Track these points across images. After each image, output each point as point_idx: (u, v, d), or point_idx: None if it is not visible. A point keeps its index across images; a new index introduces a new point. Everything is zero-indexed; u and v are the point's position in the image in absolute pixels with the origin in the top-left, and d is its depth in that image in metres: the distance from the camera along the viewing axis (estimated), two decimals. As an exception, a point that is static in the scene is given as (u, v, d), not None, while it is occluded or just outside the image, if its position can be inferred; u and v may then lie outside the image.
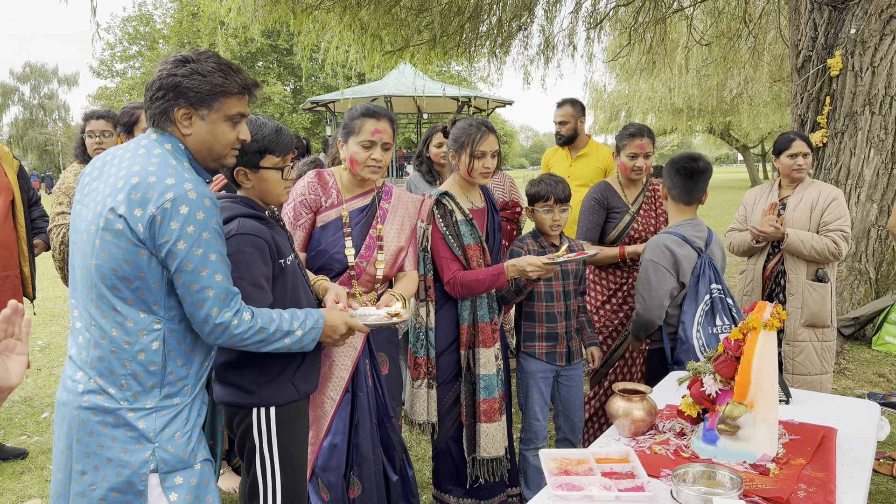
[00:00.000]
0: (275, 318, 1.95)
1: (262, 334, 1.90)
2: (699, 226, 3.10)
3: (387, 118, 2.67)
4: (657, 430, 2.31)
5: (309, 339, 2.04)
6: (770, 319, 2.09)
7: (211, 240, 1.75)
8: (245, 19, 7.56)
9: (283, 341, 1.97)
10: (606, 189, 3.69)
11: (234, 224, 2.10)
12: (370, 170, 2.65)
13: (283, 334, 1.96)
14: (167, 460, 1.77)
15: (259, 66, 32.74)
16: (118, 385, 1.74)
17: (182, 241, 1.70)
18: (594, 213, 3.65)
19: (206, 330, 1.79)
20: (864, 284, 5.95)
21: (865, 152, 5.42)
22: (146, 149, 1.78)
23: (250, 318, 1.87)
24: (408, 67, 15.55)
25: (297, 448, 2.28)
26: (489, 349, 2.96)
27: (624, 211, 3.64)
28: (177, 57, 1.83)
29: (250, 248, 2.08)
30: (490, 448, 2.95)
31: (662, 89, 18.30)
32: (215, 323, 1.78)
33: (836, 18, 5.45)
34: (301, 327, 2.01)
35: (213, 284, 1.76)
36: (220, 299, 1.78)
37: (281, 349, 1.99)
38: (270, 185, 2.22)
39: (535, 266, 2.82)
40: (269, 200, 2.27)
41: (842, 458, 2.11)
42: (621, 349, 3.62)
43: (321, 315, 2.09)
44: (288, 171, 2.23)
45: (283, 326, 1.96)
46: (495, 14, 8.31)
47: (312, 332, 2.04)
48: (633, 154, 3.55)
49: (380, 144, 2.64)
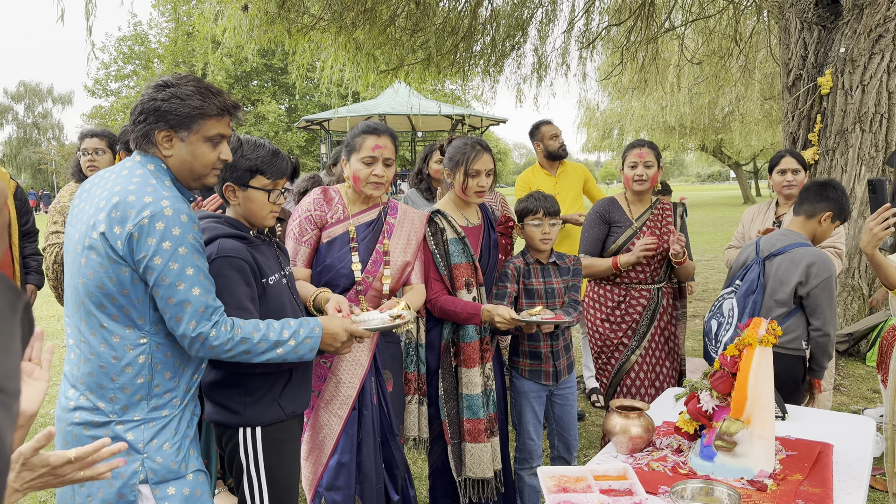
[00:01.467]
0: (261, 328, 1.95)
1: (246, 345, 1.91)
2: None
3: (388, 134, 2.70)
4: (655, 447, 2.31)
5: (306, 349, 2.04)
6: (766, 336, 2.10)
7: (187, 254, 1.79)
8: (240, 39, 7.61)
9: (275, 351, 1.97)
10: (610, 203, 3.67)
11: (214, 246, 2.09)
12: (372, 186, 2.67)
13: (272, 344, 1.96)
14: (157, 470, 1.81)
15: (254, 85, 32.89)
16: (107, 399, 1.79)
17: (158, 257, 1.75)
18: (594, 227, 3.63)
19: (186, 343, 1.83)
20: (858, 301, 5.97)
21: (857, 169, 5.47)
22: (129, 170, 1.85)
23: (229, 328, 1.88)
24: (402, 86, 15.65)
25: (286, 468, 2.26)
26: (472, 369, 2.93)
27: (626, 225, 3.59)
28: (157, 81, 1.89)
29: (231, 270, 2.07)
30: (476, 468, 2.92)
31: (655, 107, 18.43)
32: (192, 336, 1.81)
33: (826, 37, 5.53)
34: (294, 337, 2.01)
35: (191, 298, 1.80)
36: (198, 312, 1.81)
37: (275, 359, 1.98)
38: (256, 205, 2.22)
39: (503, 319, 2.79)
40: (253, 221, 2.25)
41: (839, 473, 2.11)
42: (627, 365, 3.57)
43: (318, 323, 2.09)
44: (276, 195, 2.23)
45: (269, 336, 1.96)
46: (489, 34, 8.39)
47: (308, 342, 2.04)
48: (633, 163, 3.53)
49: (381, 160, 2.66)
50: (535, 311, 2.87)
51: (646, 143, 3.58)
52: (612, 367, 3.62)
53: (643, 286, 3.55)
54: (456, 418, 2.97)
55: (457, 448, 2.98)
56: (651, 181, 3.54)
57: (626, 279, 3.57)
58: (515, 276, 3.13)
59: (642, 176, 3.52)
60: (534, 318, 2.80)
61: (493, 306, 2.86)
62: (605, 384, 3.65)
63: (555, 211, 3.13)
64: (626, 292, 3.58)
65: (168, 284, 1.77)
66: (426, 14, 7.33)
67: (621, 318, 3.59)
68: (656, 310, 3.56)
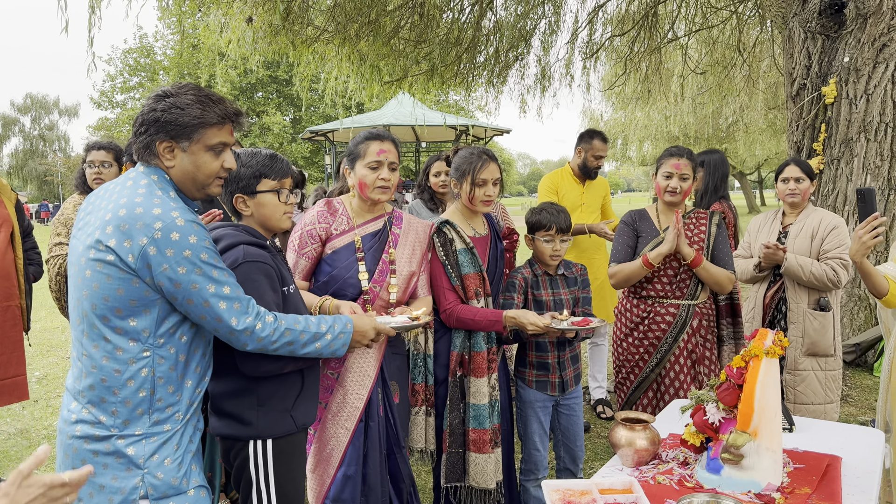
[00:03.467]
0: (300, 321, 2.01)
1: (290, 335, 1.97)
2: None
3: (390, 140, 2.72)
4: (660, 460, 2.29)
5: (339, 344, 2.10)
6: (772, 347, 2.08)
7: (209, 259, 1.81)
8: (245, 51, 7.65)
9: (314, 345, 2.03)
10: (637, 213, 3.55)
11: (240, 251, 2.11)
12: (380, 190, 2.67)
13: (312, 336, 2.03)
14: (157, 486, 1.79)
15: (259, 97, 33.01)
16: (109, 412, 1.78)
17: (182, 266, 1.75)
18: (623, 235, 3.51)
19: (235, 339, 1.88)
20: (865, 310, 5.93)
21: (862, 179, 5.45)
22: (133, 181, 1.85)
23: (273, 320, 1.94)
24: (406, 97, 15.69)
25: (294, 482, 2.25)
26: (480, 379, 2.92)
27: (653, 235, 3.44)
28: (157, 92, 1.90)
29: (259, 275, 2.09)
30: (479, 478, 2.90)
31: (658, 117, 18.48)
32: (239, 330, 1.86)
33: (830, 47, 5.52)
34: (330, 331, 2.08)
35: (224, 297, 1.83)
36: (234, 308, 1.85)
37: (312, 354, 2.04)
38: (269, 209, 2.24)
39: (535, 326, 2.81)
40: (269, 226, 2.28)
41: (847, 486, 2.08)
42: (646, 384, 3.46)
43: (349, 320, 2.15)
44: (286, 194, 2.26)
45: (310, 328, 2.03)
46: (492, 45, 8.41)
47: (342, 337, 2.11)
48: (668, 174, 3.35)
49: (386, 164, 2.67)
50: (564, 316, 2.89)
51: (684, 152, 3.36)
52: (631, 384, 3.52)
53: (670, 301, 3.40)
54: (459, 428, 2.95)
55: (458, 457, 2.95)
56: (684, 194, 3.37)
57: (652, 292, 3.43)
58: (523, 287, 3.12)
59: (676, 189, 3.33)
60: (564, 325, 2.81)
61: (520, 312, 2.87)
62: (622, 400, 3.57)
63: (567, 227, 3.11)
64: (652, 308, 3.43)
65: (199, 290, 1.79)
66: (430, 25, 7.35)
67: (644, 334, 3.45)
68: (683, 329, 3.38)
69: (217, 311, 1.82)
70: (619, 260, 3.47)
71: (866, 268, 2.85)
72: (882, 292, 2.89)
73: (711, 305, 3.50)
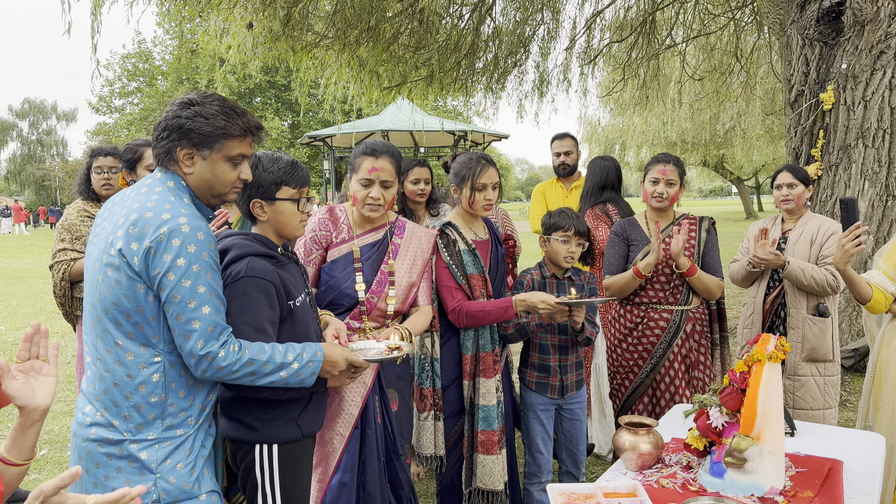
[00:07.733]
0: (266, 350, 1.93)
1: (252, 366, 1.89)
2: None
3: (387, 155, 2.68)
4: (664, 464, 2.30)
5: (307, 373, 2.01)
6: (775, 351, 2.10)
7: (201, 272, 1.79)
8: (244, 56, 7.66)
9: (278, 374, 1.95)
10: (627, 222, 3.60)
11: (243, 264, 2.08)
12: (369, 208, 2.67)
13: (277, 367, 1.94)
14: (169, 491, 1.80)
15: (257, 102, 33.06)
16: (122, 417, 1.79)
17: (171, 273, 1.75)
18: (615, 246, 3.55)
19: (193, 362, 1.81)
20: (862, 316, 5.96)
21: (860, 185, 5.48)
22: (149, 187, 1.87)
23: (237, 349, 1.87)
24: (405, 102, 15.72)
25: (299, 487, 2.26)
26: (490, 379, 2.95)
27: (643, 243, 3.49)
28: (183, 99, 1.91)
29: (257, 291, 2.05)
30: (487, 480, 2.92)
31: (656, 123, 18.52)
32: (200, 355, 1.80)
33: (828, 54, 5.56)
34: (297, 360, 1.98)
35: (200, 317, 1.79)
36: (206, 332, 1.80)
37: (277, 383, 1.96)
38: (286, 217, 2.22)
39: (546, 304, 2.82)
40: (284, 234, 2.26)
41: (849, 490, 2.10)
42: (641, 389, 3.49)
43: (320, 348, 2.07)
44: (304, 203, 2.24)
45: (275, 359, 1.94)
46: (491, 51, 8.45)
47: (311, 366, 2.02)
48: (654, 179, 3.43)
49: (377, 182, 2.65)
50: (571, 295, 2.92)
51: (671, 158, 3.45)
52: (626, 390, 3.55)
53: (662, 307, 3.44)
54: (471, 430, 2.98)
55: (469, 460, 2.98)
56: (671, 200, 3.44)
57: (646, 298, 3.46)
58: (531, 287, 3.14)
59: (662, 194, 3.42)
60: (574, 300, 2.84)
61: (529, 294, 2.89)
62: (618, 406, 3.59)
63: (584, 232, 3.14)
64: (645, 314, 3.47)
65: (179, 302, 1.77)
66: (429, 32, 7.38)
67: (637, 340, 3.49)
68: (676, 334, 3.43)
69: (186, 328, 1.78)
70: (612, 271, 3.52)
71: (850, 275, 2.97)
72: (865, 298, 3.02)
73: (704, 310, 3.55)
